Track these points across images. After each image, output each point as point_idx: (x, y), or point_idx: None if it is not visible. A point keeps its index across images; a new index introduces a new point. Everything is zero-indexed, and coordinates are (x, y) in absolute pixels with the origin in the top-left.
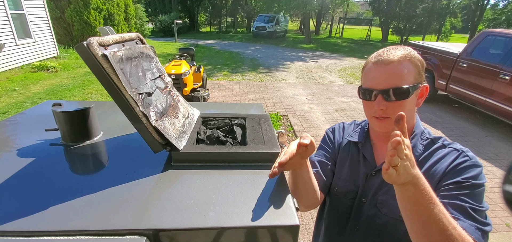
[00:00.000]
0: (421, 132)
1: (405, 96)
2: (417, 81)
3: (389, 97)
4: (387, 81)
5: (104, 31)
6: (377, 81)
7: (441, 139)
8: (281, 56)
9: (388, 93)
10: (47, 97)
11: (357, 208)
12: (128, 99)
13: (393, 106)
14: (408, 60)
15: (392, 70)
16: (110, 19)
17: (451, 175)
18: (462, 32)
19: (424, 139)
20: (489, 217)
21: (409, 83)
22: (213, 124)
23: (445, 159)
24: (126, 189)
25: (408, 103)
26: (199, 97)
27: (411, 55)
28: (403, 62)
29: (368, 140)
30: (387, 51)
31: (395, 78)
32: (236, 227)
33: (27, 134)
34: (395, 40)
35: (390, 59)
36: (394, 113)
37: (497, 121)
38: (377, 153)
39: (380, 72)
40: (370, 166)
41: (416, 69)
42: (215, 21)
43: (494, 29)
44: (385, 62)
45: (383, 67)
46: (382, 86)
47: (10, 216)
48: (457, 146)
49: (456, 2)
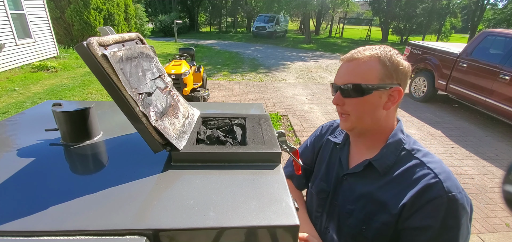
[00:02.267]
0: (396, 141)
1: (360, 94)
2: (382, 82)
3: (345, 93)
4: (344, 77)
5: (104, 31)
6: (338, 77)
7: (420, 152)
8: (281, 56)
9: (344, 89)
10: (47, 97)
11: (329, 210)
12: (128, 99)
13: (350, 104)
14: (375, 59)
15: (353, 68)
16: (110, 19)
17: (419, 214)
18: (462, 32)
19: (398, 149)
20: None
21: (369, 82)
22: (213, 124)
23: (417, 182)
24: (126, 189)
25: (366, 102)
26: (199, 97)
27: (381, 55)
28: (367, 61)
29: (348, 143)
30: (358, 49)
31: (353, 75)
32: (236, 227)
33: (27, 134)
34: (395, 40)
35: (355, 57)
36: (353, 111)
37: (497, 121)
38: (352, 156)
39: (342, 68)
40: (342, 170)
41: (384, 70)
42: (215, 21)
43: (494, 29)
44: (349, 59)
45: (346, 64)
46: (340, 81)
47: (10, 216)
48: (438, 166)
49: (456, 2)
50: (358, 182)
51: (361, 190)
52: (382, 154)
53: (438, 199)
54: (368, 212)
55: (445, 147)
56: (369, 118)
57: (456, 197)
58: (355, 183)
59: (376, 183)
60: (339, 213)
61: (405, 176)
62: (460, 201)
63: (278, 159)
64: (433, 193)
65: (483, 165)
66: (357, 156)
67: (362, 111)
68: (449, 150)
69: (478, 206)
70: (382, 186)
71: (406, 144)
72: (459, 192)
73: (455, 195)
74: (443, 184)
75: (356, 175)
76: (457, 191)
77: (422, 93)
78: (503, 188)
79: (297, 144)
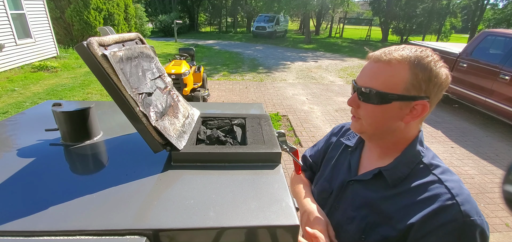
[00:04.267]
0: (413, 152)
1: (373, 101)
2: (407, 93)
3: (363, 97)
4: (365, 79)
5: (104, 31)
6: (360, 76)
7: (439, 168)
8: (281, 56)
9: (360, 91)
10: (47, 97)
11: (329, 212)
12: (128, 99)
13: (365, 108)
14: (406, 65)
15: (377, 70)
16: (110, 19)
17: (430, 237)
18: (462, 32)
19: (414, 162)
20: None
21: (391, 91)
22: (213, 124)
23: (431, 201)
24: (126, 189)
25: (382, 111)
26: (199, 97)
27: (414, 60)
28: (396, 65)
29: (360, 147)
30: (391, 48)
31: (375, 79)
32: (236, 227)
33: (27, 134)
34: (395, 40)
35: (382, 58)
36: (365, 117)
37: (497, 121)
38: (363, 162)
39: (366, 68)
40: (350, 175)
41: (412, 79)
42: (215, 21)
43: (494, 29)
44: (375, 59)
45: (371, 63)
46: (360, 82)
47: (10, 216)
48: (456, 186)
49: (456, 2)
50: (363, 189)
51: (366, 198)
52: (395, 164)
53: (453, 223)
54: (370, 222)
55: (445, 147)
56: (382, 128)
57: (475, 223)
58: (360, 190)
59: (383, 193)
60: (340, 217)
61: (418, 192)
62: (480, 227)
63: (278, 159)
64: (448, 216)
65: (483, 165)
66: (368, 163)
67: (375, 119)
68: (449, 150)
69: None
70: (389, 198)
71: (424, 157)
72: (479, 217)
73: (474, 221)
74: (460, 207)
75: (363, 183)
76: (477, 216)
77: None
78: (503, 188)
79: (297, 144)
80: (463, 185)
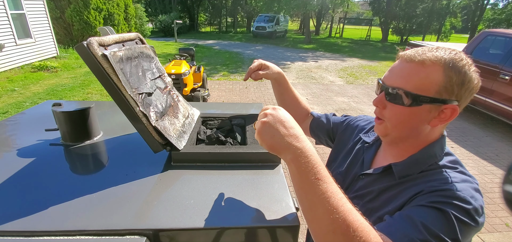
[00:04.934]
0: (430, 154)
1: (402, 103)
2: (439, 96)
3: (391, 98)
4: (396, 79)
5: (104, 31)
6: (389, 76)
7: (454, 170)
8: (281, 56)
9: (388, 91)
10: (47, 97)
11: None
12: (128, 99)
13: (391, 110)
14: (440, 66)
15: (410, 70)
16: (110, 19)
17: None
18: (462, 32)
19: (428, 163)
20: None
21: (423, 93)
22: (213, 124)
23: (427, 183)
24: (126, 189)
25: (410, 114)
26: (199, 97)
27: (449, 62)
28: (430, 66)
29: (377, 144)
30: (425, 48)
31: (407, 80)
32: (236, 227)
33: (27, 134)
34: (395, 40)
35: (416, 58)
36: (389, 118)
37: (497, 121)
38: (377, 159)
39: (397, 67)
40: (362, 169)
41: (446, 82)
42: (215, 21)
43: (494, 29)
44: (406, 59)
45: (403, 63)
46: (389, 82)
47: (10, 216)
48: (461, 180)
49: (456, 2)
50: (371, 182)
51: (371, 188)
52: (408, 162)
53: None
54: (369, 208)
55: None
56: (408, 131)
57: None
58: (368, 182)
59: (387, 184)
60: None
61: (420, 182)
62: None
63: (278, 159)
64: (439, 195)
65: (483, 165)
66: (382, 159)
67: (402, 122)
68: None
69: None
70: (392, 187)
71: (440, 160)
72: (473, 199)
73: (466, 198)
74: (456, 185)
75: (372, 176)
76: (471, 198)
77: None
78: (503, 188)
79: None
80: (476, 193)
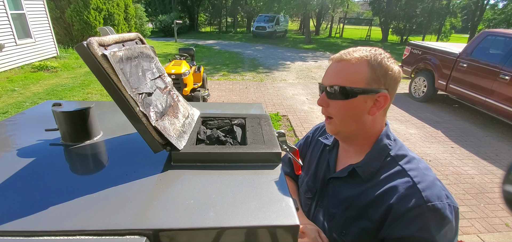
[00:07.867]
0: (381, 146)
1: (344, 97)
2: (369, 86)
3: (330, 95)
4: (331, 78)
5: (104, 31)
6: (325, 77)
7: (405, 158)
8: (281, 56)
9: (327, 90)
10: (47, 97)
11: (315, 212)
12: (128, 99)
13: (334, 106)
14: (364, 62)
15: (340, 69)
16: (110, 19)
17: (399, 223)
18: (462, 32)
19: (383, 155)
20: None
21: (355, 85)
22: (213, 124)
23: (396, 190)
24: (126, 189)
25: (350, 106)
26: (199, 97)
27: (370, 58)
28: (356, 63)
29: (337, 146)
30: (348, 50)
31: (340, 77)
32: (236, 227)
33: (27, 134)
34: (395, 40)
35: (343, 58)
36: (336, 114)
37: (497, 121)
38: (340, 159)
39: (330, 69)
40: (329, 172)
41: (372, 74)
42: (215, 21)
43: (494, 29)
44: (338, 59)
45: (334, 64)
46: (326, 82)
47: (10, 216)
48: (419, 174)
49: (456, 2)
50: (342, 186)
51: (344, 195)
52: (366, 160)
53: (417, 208)
54: (349, 216)
55: (445, 147)
56: (353, 123)
57: (436, 207)
58: (340, 187)
59: (359, 189)
60: (323, 215)
61: (386, 183)
62: (441, 211)
63: (278, 159)
64: (411, 203)
65: (483, 165)
66: (345, 160)
67: (345, 115)
68: (449, 150)
69: (478, 206)
70: (364, 192)
71: (391, 149)
72: (440, 201)
73: (435, 205)
74: (422, 193)
75: (341, 180)
76: (438, 200)
77: (422, 93)
78: (503, 188)
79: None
80: (428, 171)
